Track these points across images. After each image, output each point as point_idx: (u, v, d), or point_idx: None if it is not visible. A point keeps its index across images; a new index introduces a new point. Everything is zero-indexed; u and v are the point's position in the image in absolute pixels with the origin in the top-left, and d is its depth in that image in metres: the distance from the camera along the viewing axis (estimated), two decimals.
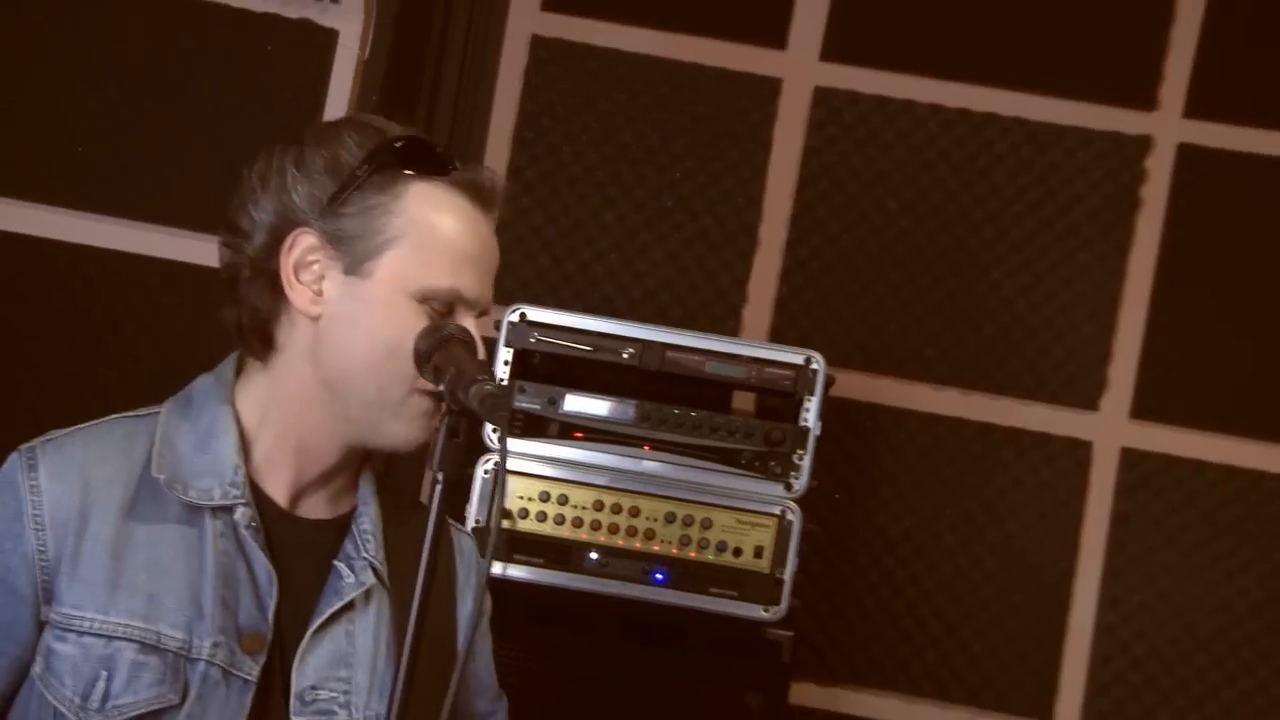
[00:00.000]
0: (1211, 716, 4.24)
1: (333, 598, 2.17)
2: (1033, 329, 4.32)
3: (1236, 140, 4.31)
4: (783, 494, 3.55)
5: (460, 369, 1.92)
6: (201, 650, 2.10)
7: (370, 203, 2.12)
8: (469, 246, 2.14)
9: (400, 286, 2.11)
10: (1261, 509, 4.26)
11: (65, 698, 2.06)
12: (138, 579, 2.10)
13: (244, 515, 2.14)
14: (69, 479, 2.12)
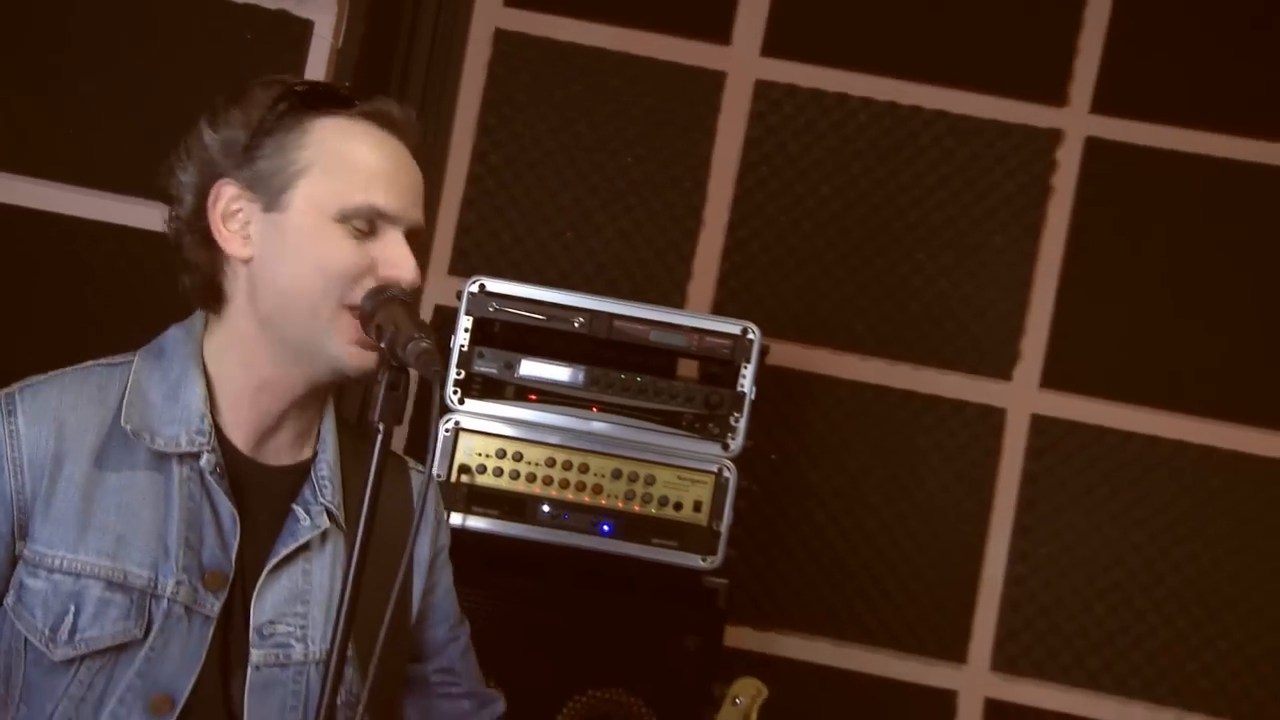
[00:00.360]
0: (1108, 659, 4.28)
1: (289, 539, 2.15)
2: (952, 305, 4.33)
3: (1138, 135, 4.33)
4: (720, 453, 3.56)
5: (399, 327, 1.91)
6: (166, 588, 2.07)
7: (280, 142, 2.09)
8: (380, 164, 2.10)
9: (318, 211, 2.07)
10: (1155, 471, 4.29)
11: (35, 629, 2.05)
12: (107, 520, 2.08)
13: (209, 461, 2.12)
14: (45, 423, 2.10)
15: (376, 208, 2.07)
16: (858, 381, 4.31)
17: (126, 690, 2.07)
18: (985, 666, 4.31)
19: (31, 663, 2.07)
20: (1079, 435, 4.32)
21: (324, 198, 2.08)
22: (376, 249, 2.08)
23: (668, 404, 3.60)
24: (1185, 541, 4.30)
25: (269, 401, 2.18)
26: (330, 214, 2.07)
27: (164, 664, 2.08)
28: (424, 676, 2.38)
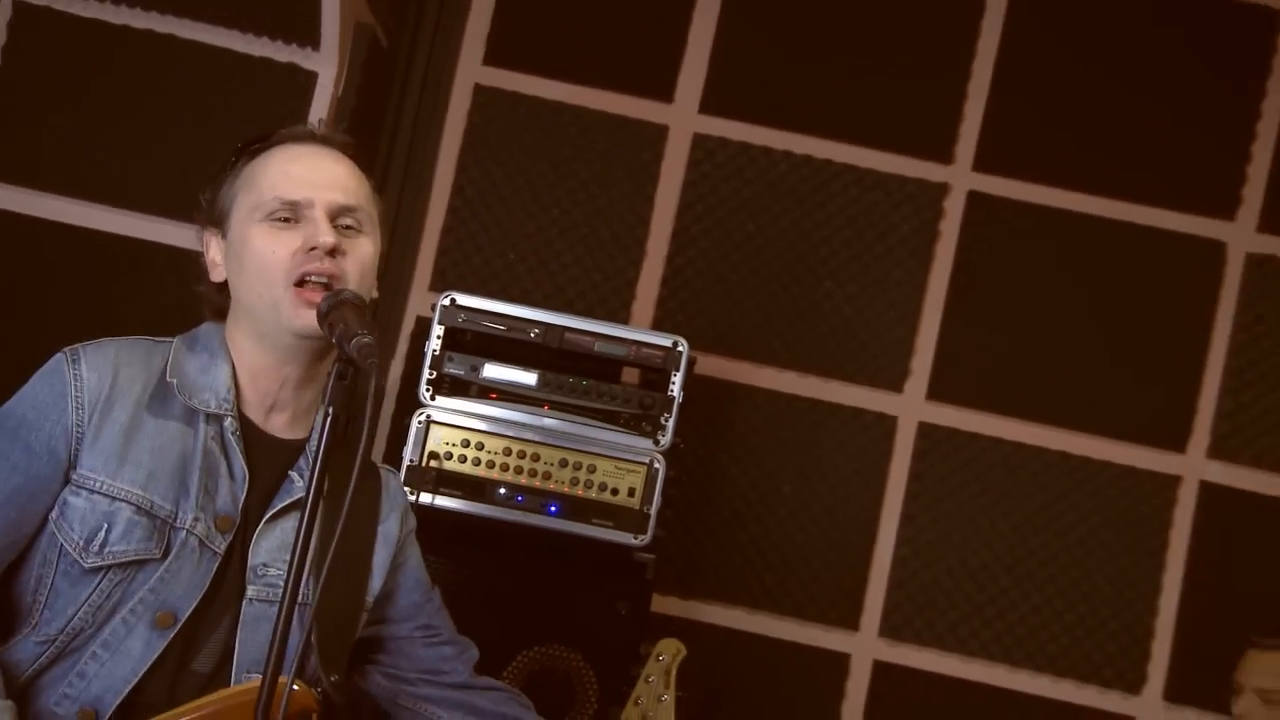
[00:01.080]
0: (976, 628, 4.29)
1: (284, 497, 2.21)
2: (854, 328, 4.32)
3: (1013, 190, 4.35)
4: (651, 447, 3.58)
5: (347, 325, 1.97)
6: (185, 521, 2.13)
7: (228, 186, 2.24)
8: (286, 165, 2.20)
9: (247, 220, 2.18)
10: (1019, 471, 4.32)
11: (72, 539, 2.10)
12: (142, 457, 2.14)
13: (230, 425, 2.19)
14: (103, 371, 2.16)
15: (283, 198, 2.16)
16: (772, 390, 4.30)
17: (139, 603, 2.11)
18: (875, 633, 4.30)
19: (61, 573, 2.11)
20: (958, 440, 4.33)
21: (248, 207, 2.20)
22: (302, 229, 2.16)
23: (608, 404, 3.63)
24: (1041, 530, 4.33)
25: (266, 384, 2.24)
26: (255, 218, 2.18)
27: (173, 585, 2.13)
28: (409, 633, 2.42)
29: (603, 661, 3.50)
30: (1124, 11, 4.37)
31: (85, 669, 2.10)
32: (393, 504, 2.41)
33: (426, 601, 2.46)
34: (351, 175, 2.24)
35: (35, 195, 3.78)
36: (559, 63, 4.31)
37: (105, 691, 2.10)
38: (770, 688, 4.20)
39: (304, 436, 2.27)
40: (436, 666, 2.43)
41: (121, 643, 2.11)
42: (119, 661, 2.11)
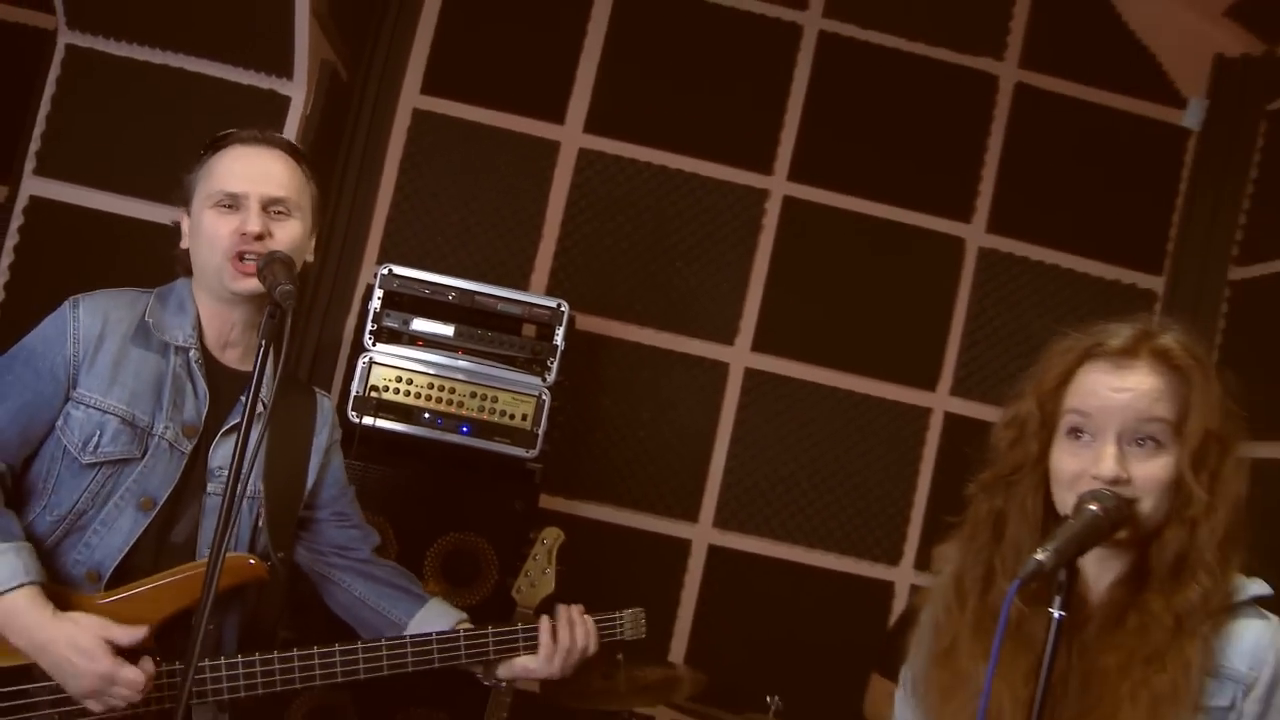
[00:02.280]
0: (784, 519, 4.34)
1: (236, 414, 2.21)
2: (697, 296, 4.33)
3: (818, 196, 4.37)
4: (540, 383, 3.61)
5: (275, 276, 2.00)
6: (158, 429, 2.17)
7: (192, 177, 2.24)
8: (233, 161, 2.20)
9: (202, 204, 2.19)
10: (821, 405, 4.36)
11: (74, 442, 2.13)
12: (127, 380, 2.17)
13: (194, 355, 2.21)
14: (96, 315, 2.18)
15: (226, 190, 2.17)
16: (635, 342, 4.30)
17: (126, 491, 2.15)
18: (710, 524, 4.32)
19: (65, 466, 2.14)
20: (773, 382, 4.35)
21: (204, 195, 2.20)
22: (240, 215, 2.16)
23: (508, 351, 3.65)
24: (832, 448, 4.37)
25: (220, 326, 2.25)
26: (208, 205, 2.18)
27: (152, 478, 2.16)
28: (326, 518, 2.41)
29: (501, 544, 3.51)
30: (892, 62, 4.40)
31: (90, 540, 2.13)
32: (324, 420, 2.40)
33: (342, 495, 2.44)
34: (285, 170, 2.23)
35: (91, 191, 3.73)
36: (479, 91, 4.25)
37: (105, 558, 2.13)
38: (629, 565, 4.18)
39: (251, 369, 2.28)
40: (345, 545, 2.41)
41: (115, 521, 2.14)
42: (114, 535, 2.13)
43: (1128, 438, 1.60)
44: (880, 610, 4.31)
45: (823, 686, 4.06)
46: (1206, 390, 1.61)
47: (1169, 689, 1.54)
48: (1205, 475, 1.59)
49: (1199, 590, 1.56)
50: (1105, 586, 1.67)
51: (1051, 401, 1.69)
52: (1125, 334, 1.66)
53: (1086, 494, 1.57)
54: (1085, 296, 4.38)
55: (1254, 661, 1.57)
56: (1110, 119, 4.42)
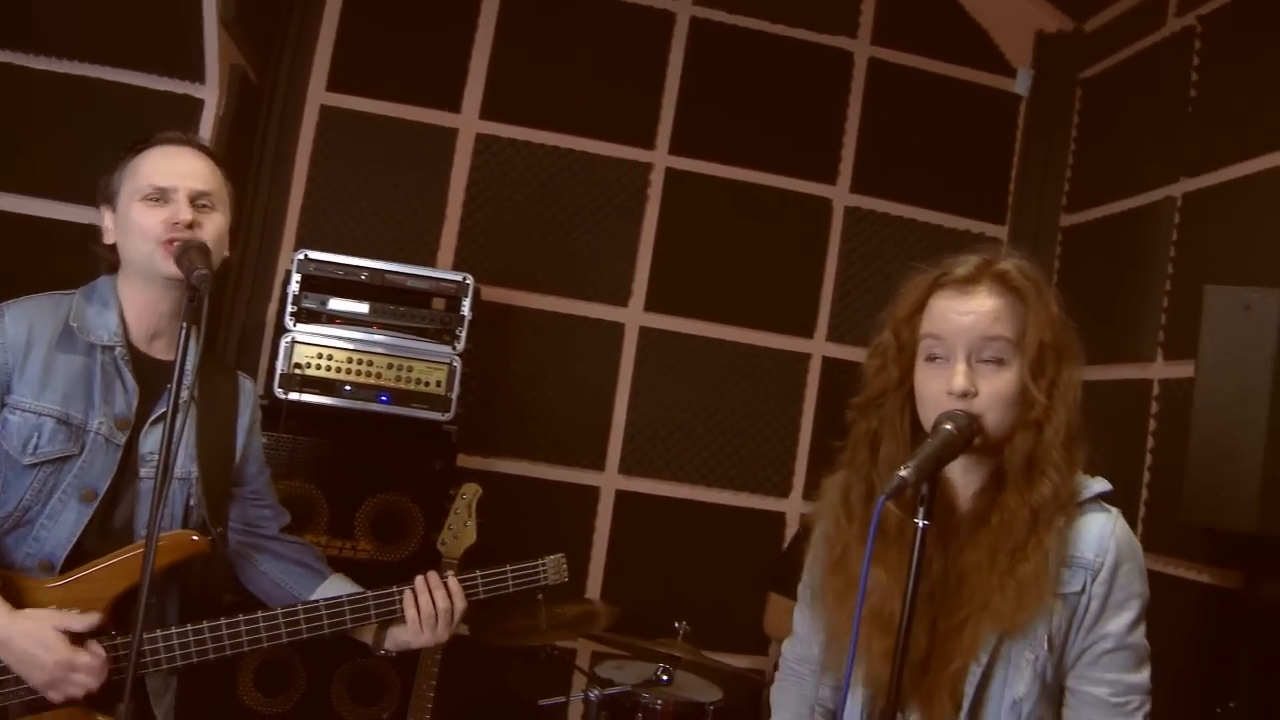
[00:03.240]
0: (682, 462, 4.46)
1: (163, 404, 2.20)
2: (593, 264, 4.41)
3: (698, 167, 4.47)
4: (452, 352, 3.69)
5: (193, 262, 2.02)
6: (93, 425, 2.15)
7: (118, 173, 2.22)
8: (159, 159, 2.20)
9: (130, 199, 2.17)
10: (709, 356, 4.48)
11: (14, 445, 2.11)
12: (58, 383, 2.14)
13: (120, 352, 2.19)
14: (22, 323, 2.15)
15: (155, 184, 2.16)
16: (538, 309, 4.37)
17: (68, 485, 2.14)
18: (616, 471, 4.42)
19: (9, 468, 2.12)
20: (666, 338, 4.46)
21: (130, 190, 2.18)
22: (169, 207, 2.15)
23: (420, 324, 3.72)
24: (724, 395, 4.50)
25: (148, 318, 2.24)
26: (136, 199, 2.17)
27: (91, 471, 2.15)
28: (243, 495, 2.40)
29: (425, 502, 3.57)
30: (758, 43, 4.51)
31: (39, 534, 2.13)
32: (246, 401, 2.40)
33: (260, 474, 2.44)
34: (207, 167, 2.24)
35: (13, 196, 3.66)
36: (380, 87, 4.27)
37: (55, 549, 2.13)
38: (544, 513, 4.26)
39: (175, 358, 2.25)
40: (256, 523, 2.40)
41: (60, 514, 2.13)
42: (61, 527, 2.13)
43: (975, 355, 1.70)
44: (774, 538, 4.52)
45: (726, 610, 4.24)
46: (1041, 307, 1.71)
47: (1031, 576, 1.65)
48: (1044, 382, 1.69)
49: (1050, 485, 1.67)
50: (971, 493, 1.77)
51: (908, 329, 1.78)
52: (968, 263, 1.76)
53: (942, 415, 1.67)
54: (940, 246, 4.38)
55: (1099, 549, 1.70)
56: (952, 88, 4.66)
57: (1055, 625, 1.69)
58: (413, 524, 3.59)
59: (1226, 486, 2.81)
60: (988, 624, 1.67)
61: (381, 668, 3.59)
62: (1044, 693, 1.70)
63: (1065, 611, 1.69)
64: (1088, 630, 1.70)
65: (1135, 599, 1.71)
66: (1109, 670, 1.70)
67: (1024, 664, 1.69)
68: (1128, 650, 1.71)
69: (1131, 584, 1.71)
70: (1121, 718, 1.70)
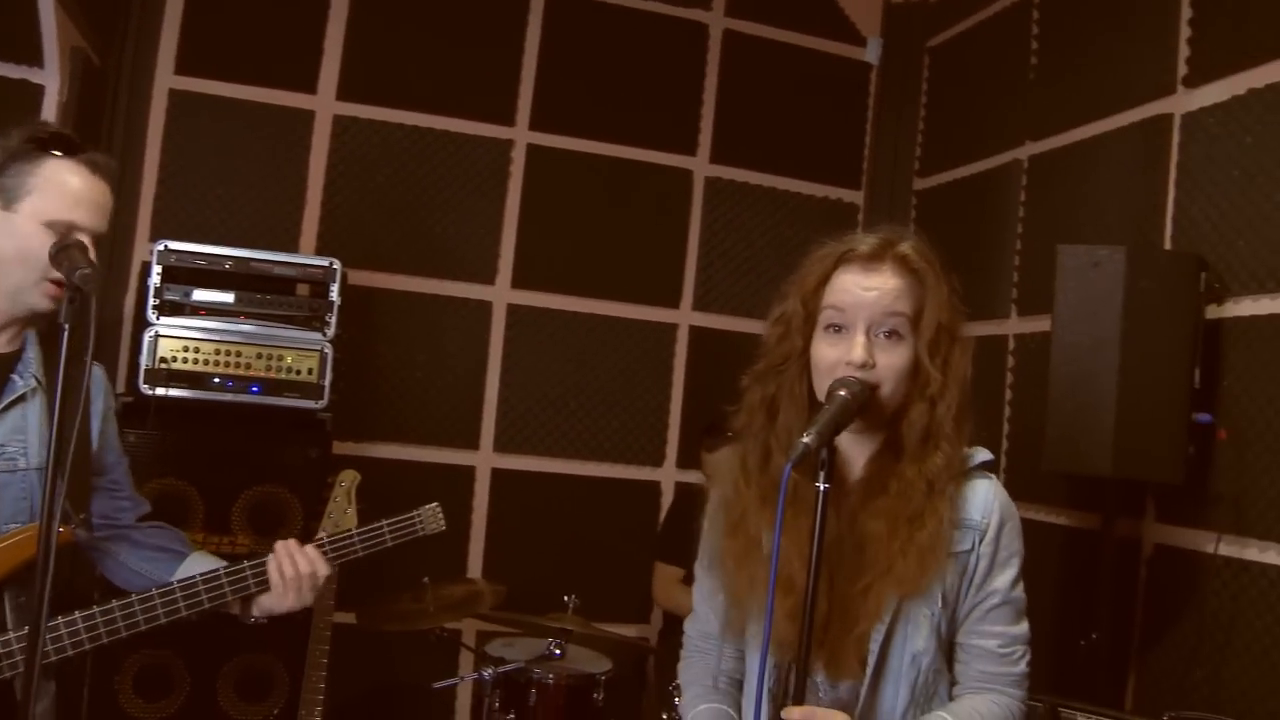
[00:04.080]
0: (556, 436, 4.49)
1: (9, 394, 2.09)
2: (458, 243, 4.37)
3: (559, 143, 4.48)
4: (322, 338, 3.67)
5: (73, 262, 1.92)
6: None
7: (21, 167, 2.04)
8: (82, 195, 2.06)
9: (36, 218, 2.03)
10: (577, 330, 4.50)
11: None
12: None
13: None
14: None
15: (74, 223, 2.05)
16: (405, 290, 4.33)
17: None
18: (490, 449, 4.42)
19: None
20: (534, 314, 4.48)
21: (42, 211, 2.04)
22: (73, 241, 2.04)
23: (287, 311, 3.69)
24: (594, 368, 4.53)
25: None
26: (44, 222, 2.04)
27: None
28: (103, 485, 2.30)
29: (303, 491, 3.53)
30: (615, 18, 4.53)
31: None
32: (99, 388, 2.29)
33: (119, 463, 2.35)
34: (109, 202, 2.14)
35: None
36: (232, 69, 4.15)
37: None
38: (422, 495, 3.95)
39: (17, 349, 2.14)
40: (114, 514, 2.31)
41: None
42: None
43: (874, 329, 1.75)
44: (651, 507, 4.59)
45: (612, 580, 4.29)
46: (938, 290, 1.78)
47: (930, 541, 1.73)
48: (939, 360, 1.76)
49: (943, 456, 1.75)
50: (862, 463, 1.83)
51: (812, 300, 1.82)
52: (872, 241, 1.80)
53: (836, 382, 1.72)
54: (799, 213, 4.73)
55: (985, 511, 1.79)
56: (806, 58, 4.77)
57: (949, 583, 1.77)
58: (291, 514, 3.55)
59: (1084, 434, 2.97)
60: (891, 588, 1.74)
61: (267, 662, 3.53)
62: (939, 646, 1.78)
63: (957, 569, 1.78)
64: (978, 587, 1.79)
65: (1016, 556, 1.81)
66: (996, 624, 1.80)
67: (922, 620, 1.76)
68: (1011, 604, 1.80)
69: (1012, 543, 1.81)
70: (1008, 666, 1.81)
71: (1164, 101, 3.33)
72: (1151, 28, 3.40)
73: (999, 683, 1.80)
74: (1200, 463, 3.01)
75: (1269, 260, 2.94)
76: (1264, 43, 3.01)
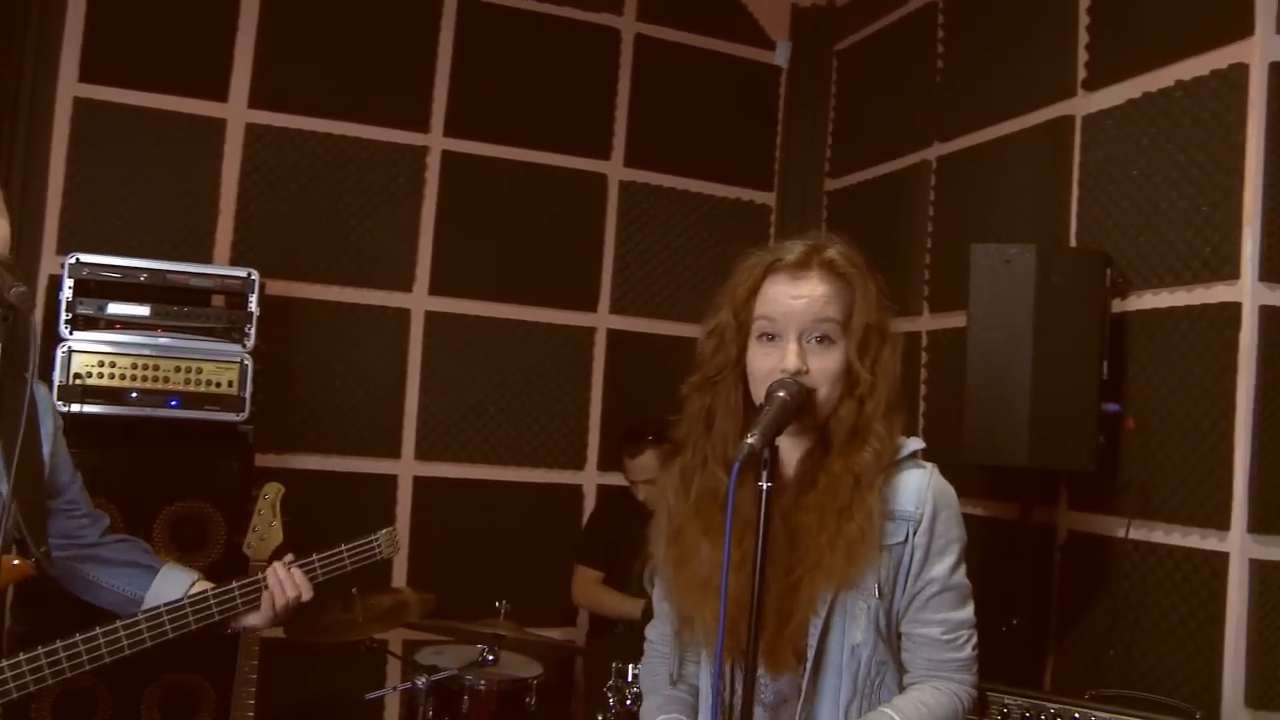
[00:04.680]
0: (478, 442, 4.48)
1: None
2: (374, 251, 4.35)
3: (473, 149, 4.46)
4: (241, 350, 3.62)
5: (4, 281, 1.88)
6: None
7: None
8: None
9: None
10: (496, 336, 4.49)
11: None
12: None
13: None
14: None
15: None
16: (323, 300, 4.29)
17: None
18: (412, 457, 4.40)
19: None
20: (452, 320, 4.46)
21: None
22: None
23: (205, 323, 3.64)
24: (513, 374, 4.54)
25: None
26: None
27: None
28: (59, 507, 2.30)
29: (226, 506, 3.47)
30: (527, 23, 4.54)
31: None
32: (45, 409, 2.26)
33: (72, 482, 2.34)
34: None
35: None
36: (139, 76, 4.05)
37: None
38: (345, 505, 4.16)
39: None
40: (74, 533, 2.31)
41: None
42: None
43: (806, 336, 1.79)
44: (574, 511, 4.61)
45: (538, 584, 4.29)
46: (865, 292, 1.82)
47: (858, 534, 1.75)
48: (869, 360, 1.80)
49: (872, 451, 1.78)
50: (796, 460, 1.86)
51: (744, 311, 1.85)
52: (798, 249, 1.84)
53: (774, 384, 1.75)
54: (713, 214, 4.81)
55: (918, 501, 1.81)
56: (716, 61, 4.84)
57: (883, 575, 1.80)
58: (214, 529, 3.48)
59: (1000, 427, 3.07)
60: (822, 580, 1.76)
61: (193, 680, 3.46)
62: (880, 637, 1.81)
63: (891, 561, 1.80)
64: (915, 577, 1.82)
65: (955, 543, 1.84)
66: (938, 611, 1.83)
67: (859, 612, 1.79)
68: (953, 591, 1.84)
69: (950, 530, 1.84)
70: (953, 651, 1.85)
71: (1065, 104, 3.45)
72: (1052, 32, 3.51)
73: (945, 669, 1.84)
74: (1110, 451, 3.11)
75: (1166, 256, 3.06)
76: (1157, 49, 3.15)
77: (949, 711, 1.83)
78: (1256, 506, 2.82)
